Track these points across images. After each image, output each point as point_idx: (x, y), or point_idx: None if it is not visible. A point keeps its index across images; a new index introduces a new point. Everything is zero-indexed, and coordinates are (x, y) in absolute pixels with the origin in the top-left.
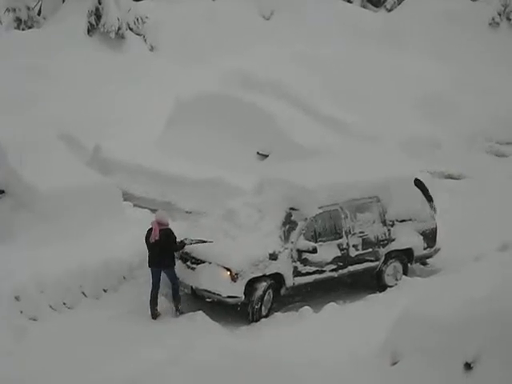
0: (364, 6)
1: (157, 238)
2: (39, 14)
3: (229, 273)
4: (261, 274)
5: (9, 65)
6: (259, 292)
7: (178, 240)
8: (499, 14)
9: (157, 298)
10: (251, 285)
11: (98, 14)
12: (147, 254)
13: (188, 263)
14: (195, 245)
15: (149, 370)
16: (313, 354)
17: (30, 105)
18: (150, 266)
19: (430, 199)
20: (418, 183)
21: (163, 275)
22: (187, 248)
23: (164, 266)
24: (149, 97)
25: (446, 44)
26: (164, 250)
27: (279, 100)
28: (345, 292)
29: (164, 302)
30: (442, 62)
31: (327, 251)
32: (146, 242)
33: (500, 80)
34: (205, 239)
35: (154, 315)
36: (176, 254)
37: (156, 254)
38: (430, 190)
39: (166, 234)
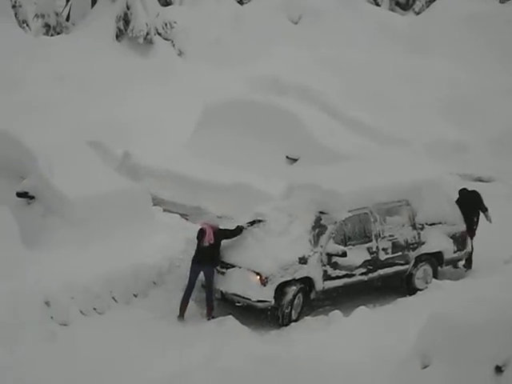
0: (392, 9)
1: (212, 241)
2: (68, 19)
3: (258, 277)
4: (290, 278)
5: (38, 71)
6: (289, 296)
7: (230, 228)
8: None
9: (189, 297)
10: (281, 289)
11: (126, 19)
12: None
13: (218, 267)
14: (225, 249)
15: (178, 374)
16: (343, 358)
17: (59, 111)
18: (193, 263)
19: (485, 209)
20: (474, 194)
21: (199, 278)
22: None
23: (208, 266)
24: (177, 102)
25: (472, 47)
26: (213, 251)
27: (307, 104)
28: (375, 296)
29: (193, 306)
30: (470, 66)
31: (357, 255)
32: (197, 240)
33: None
34: (259, 218)
35: (182, 314)
36: None
37: (205, 255)
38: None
39: (221, 235)
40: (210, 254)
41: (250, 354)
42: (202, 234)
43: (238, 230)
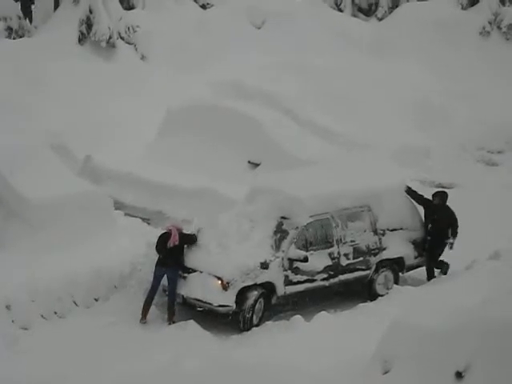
0: (355, 15)
1: (177, 242)
2: (30, 22)
3: (220, 282)
4: (252, 283)
5: (0, 74)
6: (250, 301)
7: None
8: (490, 23)
9: (152, 300)
10: (242, 294)
11: (89, 23)
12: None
13: (179, 272)
14: (187, 254)
15: (140, 379)
16: (304, 362)
17: (20, 114)
18: (157, 266)
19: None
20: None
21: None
22: None
23: (172, 269)
24: (140, 106)
25: (436, 53)
26: (178, 253)
27: (270, 109)
28: (336, 301)
29: (154, 311)
30: (433, 71)
31: (318, 260)
32: (159, 245)
33: (491, 88)
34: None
35: (145, 317)
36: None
37: (169, 257)
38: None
39: (184, 238)
40: (174, 257)
41: (211, 359)
42: (167, 235)
43: (195, 237)
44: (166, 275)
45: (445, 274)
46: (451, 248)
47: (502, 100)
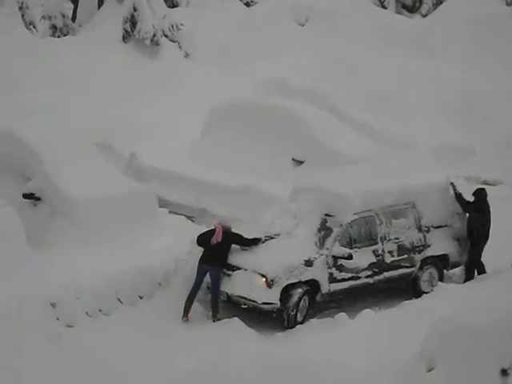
0: (399, 12)
1: (219, 239)
2: (74, 21)
3: (264, 279)
4: (296, 281)
5: (45, 72)
6: (295, 298)
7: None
8: None
9: (194, 298)
10: (287, 291)
11: (133, 21)
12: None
13: (224, 270)
14: (231, 252)
15: (184, 376)
16: (348, 360)
17: (65, 112)
18: (200, 263)
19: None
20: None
21: (205, 280)
22: None
23: (215, 266)
24: (184, 104)
25: (479, 50)
26: (221, 252)
27: (313, 106)
28: (380, 298)
29: (198, 308)
30: (476, 68)
31: (362, 257)
32: (202, 238)
33: None
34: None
35: (186, 315)
36: None
37: (212, 254)
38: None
39: (230, 237)
40: (216, 254)
41: (255, 357)
42: (212, 232)
43: (255, 241)
44: (208, 273)
45: (480, 273)
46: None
47: None
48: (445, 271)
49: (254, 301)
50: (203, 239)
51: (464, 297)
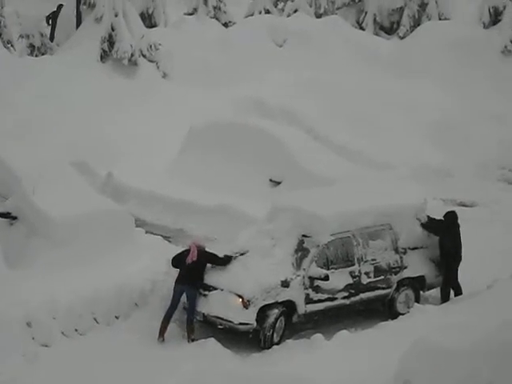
0: (377, 34)
1: (194, 259)
2: (52, 40)
3: (241, 300)
4: (273, 301)
5: (21, 91)
6: (271, 319)
7: (218, 255)
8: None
9: (170, 318)
10: (263, 312)
11: (111, 41)
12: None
13: (200, 290)
14: (207, 272)
15: None
16: (324, 381)
17: (42, 131)
18: (176, 284)
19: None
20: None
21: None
22: None
23: (191, 286)
24: (162, 123)
25: (457, 72)
26: (197, 272)
27: (291, 127)
28: (357, 319)
29: (174, 328)
30: (454, 90)
31: (339, 278)
32: (176, 260)
33: None
34: (243, 251)
35: (162, 335)
36: None
37: (188, 275)
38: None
39: (205, 256)
40: (192, 274)
41: (232, 377)
42: (187, 252)
43: (226, 259)
44: (185, 293)
45: (456, 295)
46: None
47: None
48: (421, 293)
49: (230, 321)
50: (178, 260)
51: (440, 318)
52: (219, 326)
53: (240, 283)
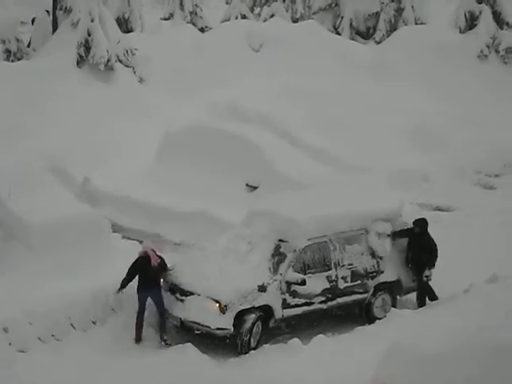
0: (353, 38)
1: (159, 260)
2: (29, 45)
3: (218, 305)
4: (250, 306)
5: None
6: (248, 324)
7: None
8: (487, 47)
9: (142, 322)
10: (240, 317)
11: (87, 46)
12: (137, 280)
13: (177, 295)
14: (184, 277)
15: None
16: None
17: (18, 137)
18: (139, 292)
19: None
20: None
21: (150, 303)
22: (176, 279)
23: (155, 291)
24: (138, 128)
25: (435, 76)
26: (158, 275)
27: (268, 131)
28: (334, 324)
29: (151, 333)
30: (431, 94)
31: (316, 283)
32: (134, 268)
33: (488, 111)
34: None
35: (139, 338)
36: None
37: (150, 279)
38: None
39: (162, 260)
40: (154, 278)
41: (210, 382)
42: (145, 259)
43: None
44: (150, 297)
45: (419, 306)
46: (428, 280)
47: (499, 123)
48: (398, 297)
49: (207, 326)
50: (136, 268)
51: (417, 323)
52: (196, 332)
53: (217, 288)
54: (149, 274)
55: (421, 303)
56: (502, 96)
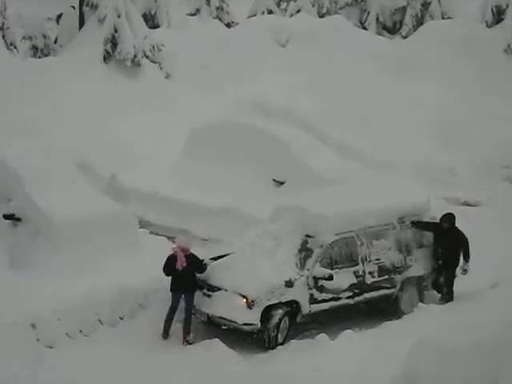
0: (379, 33)
1: (184, 264)
2: (55, 42)
3: (245, 300)
4: (277, 302)
5: (25, 93)
6: (275, 319)
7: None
8: None
9: (172, 319)
10: (267, 312)
11: (114, 42)
12: (170, 279)
13: (204, 290)
14: (212, 272)
15: None
16: (328, 381)
17: (46, 133)
18: (172, 291)
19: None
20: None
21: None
22: (203, 275)
23: (187, 291)
24: (165, 124)
25: (460, 71)
26: (189, 275)
27: (294, 127)
28: (361, 319)
29: (179, 328)
30: (457, 89)
31: (343, 278)
32: (167, 268)
33: None
34: (223, 253)
35: (166, 334)
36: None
37: (181, 280)
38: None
39: (191, 260)
40: (185, 280)
41: (238, 378)
42: (173, 259)
43: (204, 266)
44: (183, 296)
45: (447, 301)
46: (465, 274)
47: None
48: (425, 292)
49: (234, 322)
50: (168, 268)
51: (444, 318)
52: (223, 327)
53: (244, 283)
54: (178, 274)
55: (449, 298)
56: None
